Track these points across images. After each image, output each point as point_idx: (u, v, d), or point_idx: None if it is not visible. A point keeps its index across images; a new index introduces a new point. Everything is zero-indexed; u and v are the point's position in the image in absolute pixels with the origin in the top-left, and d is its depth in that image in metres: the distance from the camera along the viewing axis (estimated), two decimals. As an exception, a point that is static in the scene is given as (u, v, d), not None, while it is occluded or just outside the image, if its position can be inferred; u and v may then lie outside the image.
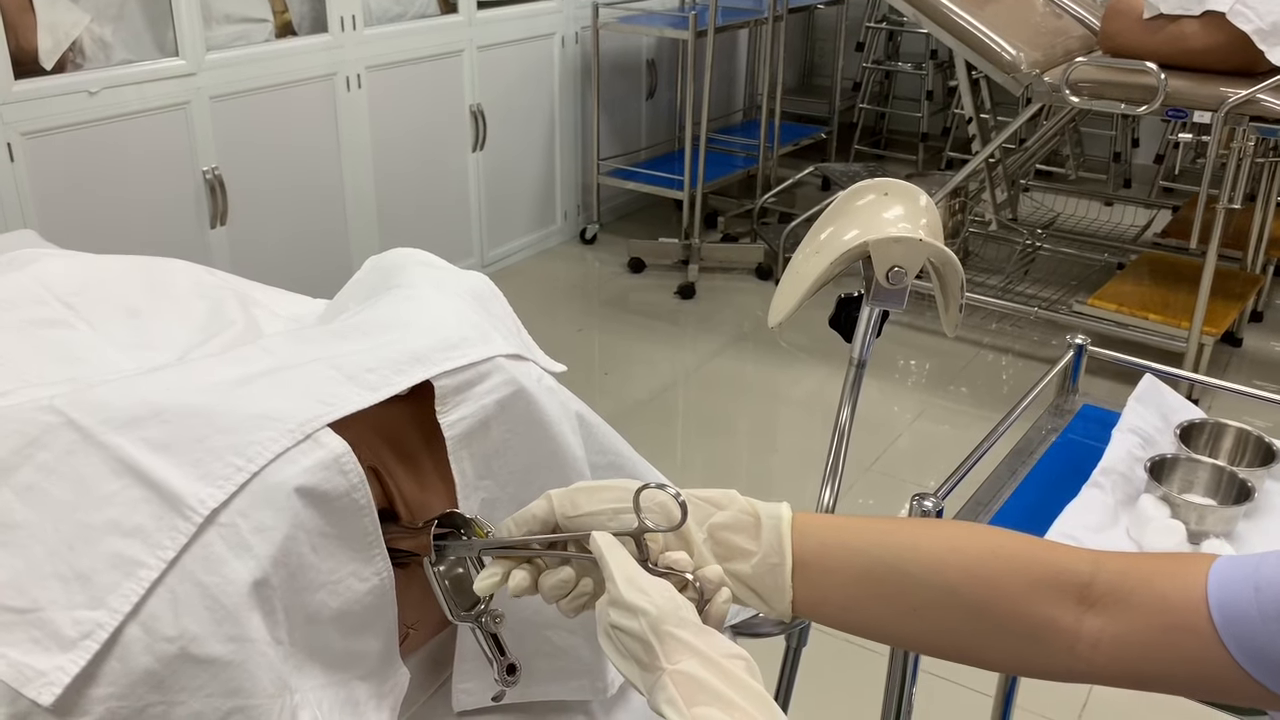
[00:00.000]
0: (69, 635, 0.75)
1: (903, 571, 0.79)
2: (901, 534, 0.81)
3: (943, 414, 3.38)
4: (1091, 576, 0.76)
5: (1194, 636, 0.72)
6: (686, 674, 0.68)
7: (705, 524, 0.81)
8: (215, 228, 3.18)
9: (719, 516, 0.81)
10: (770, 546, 0.80)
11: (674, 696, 0.67)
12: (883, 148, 6.07)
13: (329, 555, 0.85)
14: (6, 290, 1.17)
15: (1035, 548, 0.80)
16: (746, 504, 0.82)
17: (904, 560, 0.79)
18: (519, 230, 4.46)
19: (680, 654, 0.69)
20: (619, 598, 0.72)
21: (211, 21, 3.13)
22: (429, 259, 1.16)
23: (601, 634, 0.74)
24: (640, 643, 0.71)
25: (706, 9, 4.13)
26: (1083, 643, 0.76)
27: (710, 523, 0.81)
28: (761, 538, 0.80)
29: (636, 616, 0.71)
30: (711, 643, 0.70)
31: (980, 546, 0.79)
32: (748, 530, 0.81)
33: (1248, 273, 3.88)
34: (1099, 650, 0.75)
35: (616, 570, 0.74)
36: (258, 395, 0.85)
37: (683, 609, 0.72)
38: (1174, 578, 0.75)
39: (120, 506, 0.78)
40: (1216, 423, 1.40)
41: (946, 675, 2.23)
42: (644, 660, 0.70)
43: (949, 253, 1.10)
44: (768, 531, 0.80)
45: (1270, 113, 3.01)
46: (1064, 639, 0.76)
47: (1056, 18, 3.74)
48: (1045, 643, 0.76)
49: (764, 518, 0.81)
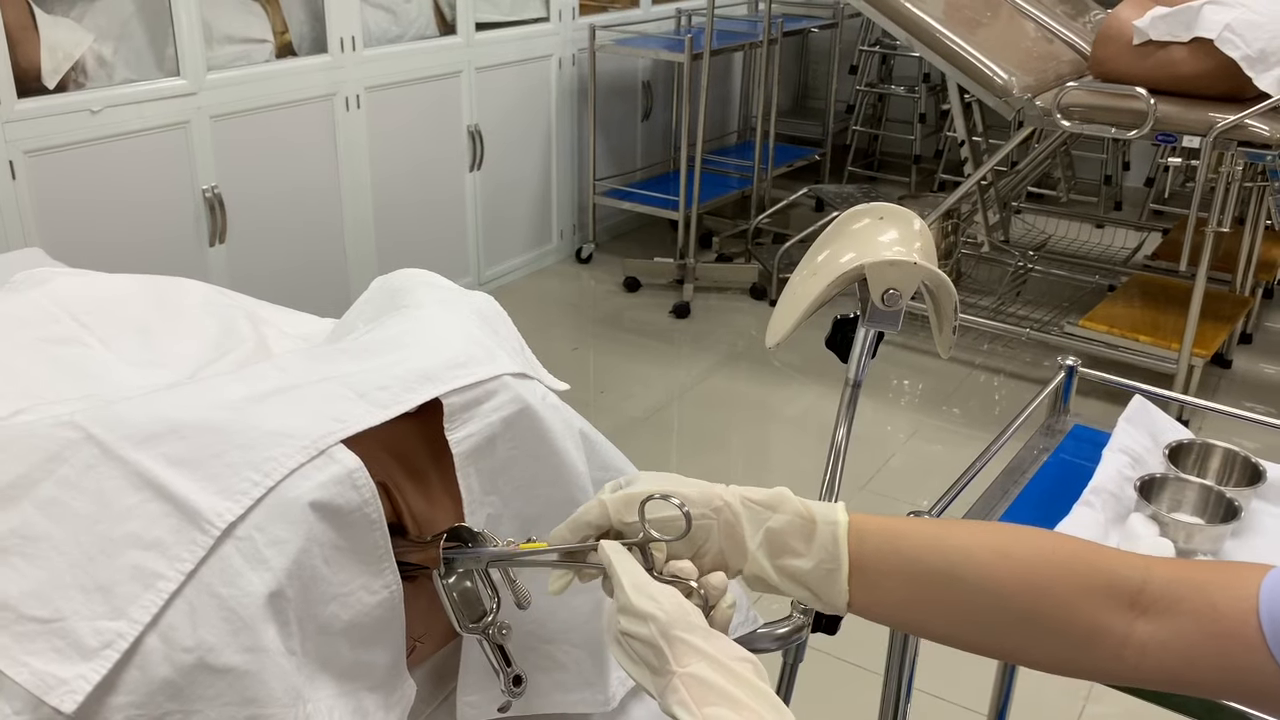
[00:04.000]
0: (90, 645, 0.77)
1: (956, 578, 0.80)
2: (955, 539, 0.82)
3: (936, 433, 3.40)
4: (1142, 583, 0.78)
5: (1243, 645, 0.73)
6: (697, 677, 0.70)
7: (761, 529, 0.82)
8: (214, 246, 3.20)
9: (774, 521, 0.82)
10: (827, 552, 0.81)
11: (685, 699, 0.69)
12: (876, 170, 6.11)
13: (341, 568, 0.87)
14: (21, 308, 1.20)
15: (1087, 553, 0.81)
16: (801, 506, 0.83)
17: (957, 567, 0.80)
18: (515, 249, 4.48)
19: (690, 658, 0.71)
20: (628, 604, 0.74)
21: (212, 41, 3.16)
22: (435, 279, 1.19)
23: (611, 641, 0.76)
24: (651, 648, 0.72)
25: (702, 32, 4.17)
26: (1130, 648, 0.77)
27: (766, 528, 0.82)
28: (817, 542, 0.81)
29: (646, 622, 0.73)
30: (720, 647, 0.73)
31: (1032, 552, 0.80)
32: (802, 534, 0.82)
33: (1237, 295, 3.92)
34: (1146, 655, 0.77)
35: (625, 578, 0.76)
36: (273, 412, 0.87)
37: (691, 614, 0.74)
38: (1226, 588, 0.76)
39: (140, 520, 0.81)
40: (1205, 443, 1.42)
41: (941, 695, 2.25)
42: (654, 665, 0.72)
43: (943, 276, 1.13)
44: (824, 537, 0.81)
45: (1257, 138, 3.05)
46: (1112, 644, 0.77)
47: (1048, 43, 3.78)
48: (1093, 647, 0.78)
49: (820, 523, 0.82)
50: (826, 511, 0.82)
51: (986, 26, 3.66)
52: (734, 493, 0.83)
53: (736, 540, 0.82)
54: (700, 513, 0.81)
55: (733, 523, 0.82)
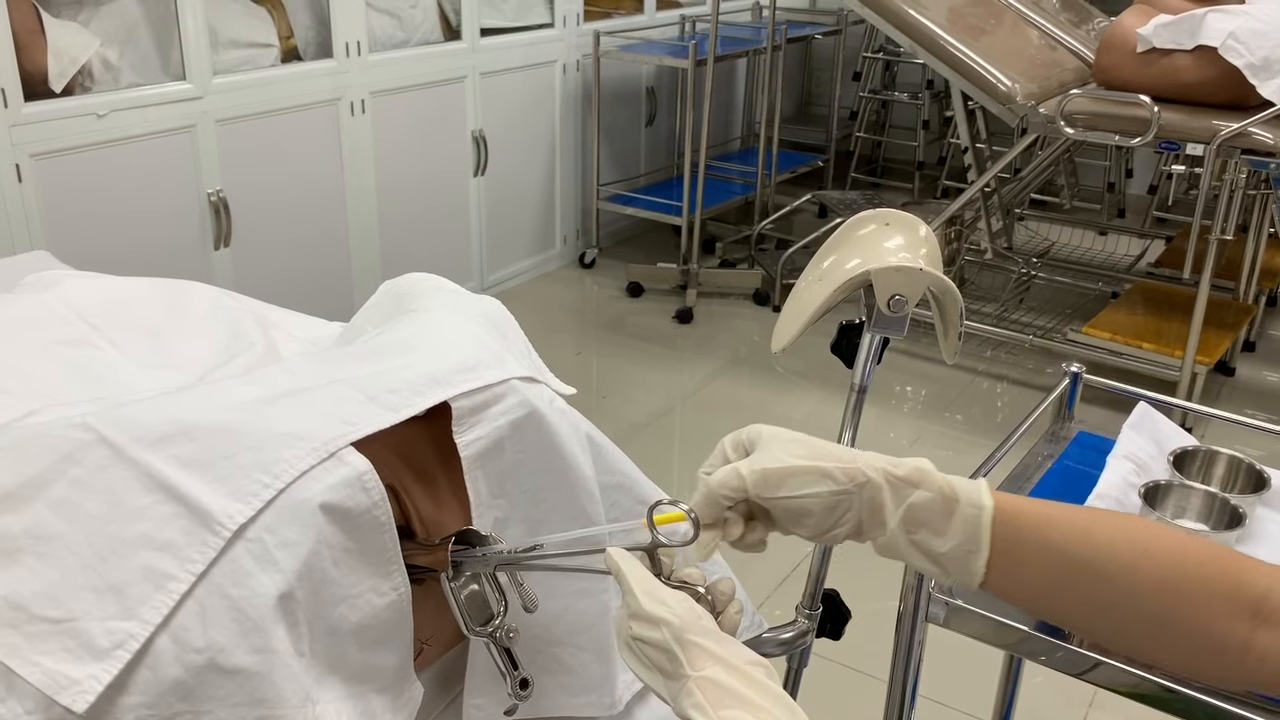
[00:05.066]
0: (102, 645, 0.78)
1: (1097, 573, 0.80)
2: (1099, 533, 0.82)
3: (939, 440, 3.41)
4: (1267, 590, 0.78)
5: None
6: (711, 680, 0.71)
7: (903, 505, 0.81)
8: (219, 250, 3.21)
9: (916, 497, 0.81)
10: (967, 535, 0.80)
11: (701, 702, 0.70)
12: (879, 176, 6.12)
13: (350, 570, 0.88)
14: (32, 311, 1.20)
15: (1220, 558, 0.81)
16: (944, 483, 0.82)
17: (1099, 561, 0.80)
18: (519, 254, 4.49)
19: (703, 661, 0.72)
20: (640, 610, 0.75)
21: (218, 46, 3.17)
22: (443, 284, 1.19)
23: (623, 646, 0.76)
24: (664, 652, 0.73)
25: (706, 38, 4.18)
26: (1252, 655, 0.78)
27: (908, 503, 0.81)
28: (957, 524, 0.81)
29: (659, 627, 0.73)
30: (732, 650, 0.73)
31: (1171, 553, 0.80)
32: (944, 513, 0.81)
33: (1240, 303, 3.92)
34: (1265, 664, 0.77)
35: (635, 584, 0.76)
36: (283, 415, 0.88)
37: (703, 618, 0.75)
38: None
39: (151, 521, 0.81)
40: (1209, 450, 1.43)
41: (945, 701, 2.25)
42: (668, 669, 0.73)
43: (949, 282, 1.13)
44: (967, 521, 0.80)
45: (1261, 146, 3.05)
46: (1235, 652, 0.78)
47: (1051, 50, 3.79)
48: (1217, 655, 0.79)
49: (963, 504, 0.81)
50: (971, 493, 0.81)
51: (990, 33, 3.67)
52: (877, 467, 0.82)
53: (877, 516, 0.82)
54: (842, 487, 0.81)
55: (875, 498, 0.81)
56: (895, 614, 1.28)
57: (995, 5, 3.85)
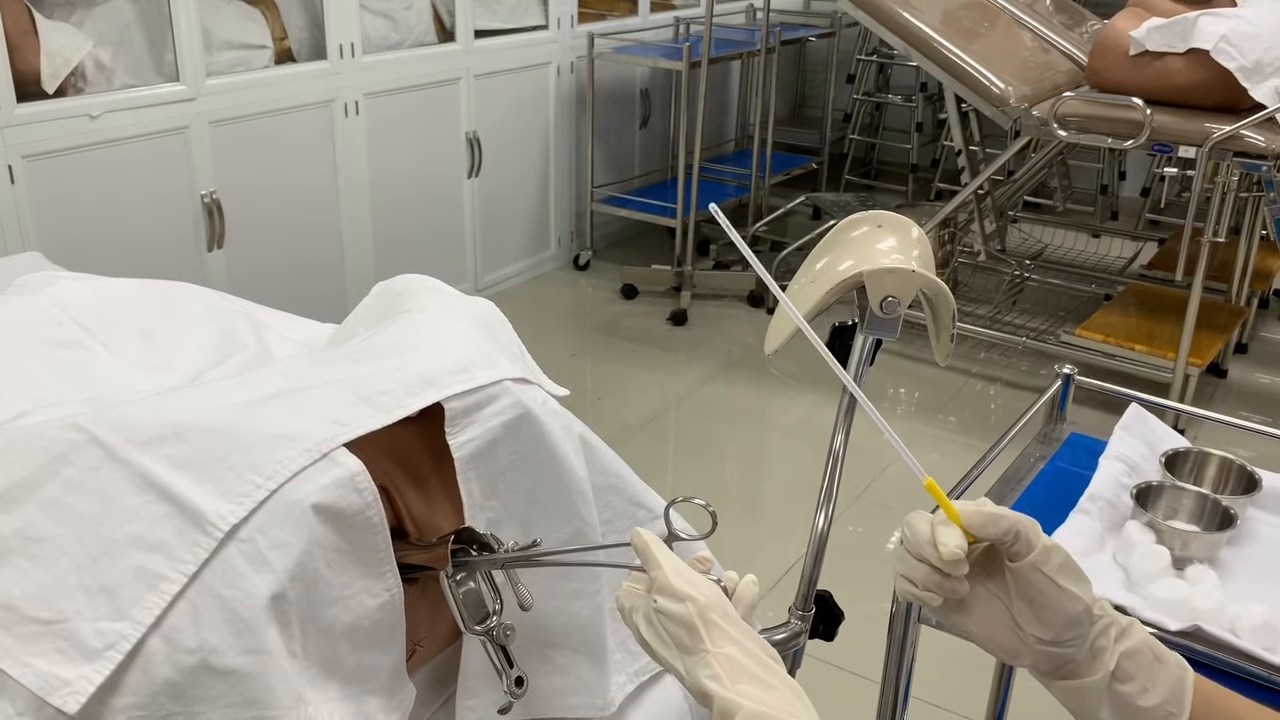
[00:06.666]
0: (93, 646, 0.78)
1: None
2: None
3: (932, 442, 3.41)
4: None
5: None
6: (729, 656, 0.75)
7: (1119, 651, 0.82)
8: (212, 251, 3.20)
9: (1128, 645, 0.82)
10: (1173, 694, 0.82)
11: (719, 673, 0.73)
12: (873, 178, 6.13)
13: (343, 570, 0.88)
14: (24, 312, 1.20)
15: None
16: (1149, 638, 0.84)
17: None
18: (513, 256, 4.49)
19: (723, 641, 0.75)
20: (667, 585, 0.78)
21: (212, 47, 3.16)
22: (436, 285, 1.19)
23: (642, 620, 0.79)
24: (685, 627, 0.76)
25: (700, 40, 4.18)
26: None
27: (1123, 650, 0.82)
28: (1163, 682, 0.82)
29: (684, 602, 0.76)
30: (750, 635, 0.77)
31: None
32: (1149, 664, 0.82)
33: (1232, 305, 3.93)
34: None
35: (665, 561, 0.79)
36: (276, 416, 0.88)
37: (726, 604, 0.79)
38: None
39: (143, 522, 0.81)
40: (1200, 451, 1.43)
41: (938, 703, 2.25)
42: (686, 644, 0.76)
43: (941, 284, 1.14)
44: (1174, 680, 0.82)
45: (1253, 148, 3.06)
46: None
47: (1044, 53, 3.80)
48: None
49: (1172, 664, 0.83)
50: (1169, 652, 0.83)
51: (984, 36, 3.67)
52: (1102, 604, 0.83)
53: (1100, 657, 0.82)
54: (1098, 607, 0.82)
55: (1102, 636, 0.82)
56: (888, 615, 1.29)
57: (989, 8, 3.86)
